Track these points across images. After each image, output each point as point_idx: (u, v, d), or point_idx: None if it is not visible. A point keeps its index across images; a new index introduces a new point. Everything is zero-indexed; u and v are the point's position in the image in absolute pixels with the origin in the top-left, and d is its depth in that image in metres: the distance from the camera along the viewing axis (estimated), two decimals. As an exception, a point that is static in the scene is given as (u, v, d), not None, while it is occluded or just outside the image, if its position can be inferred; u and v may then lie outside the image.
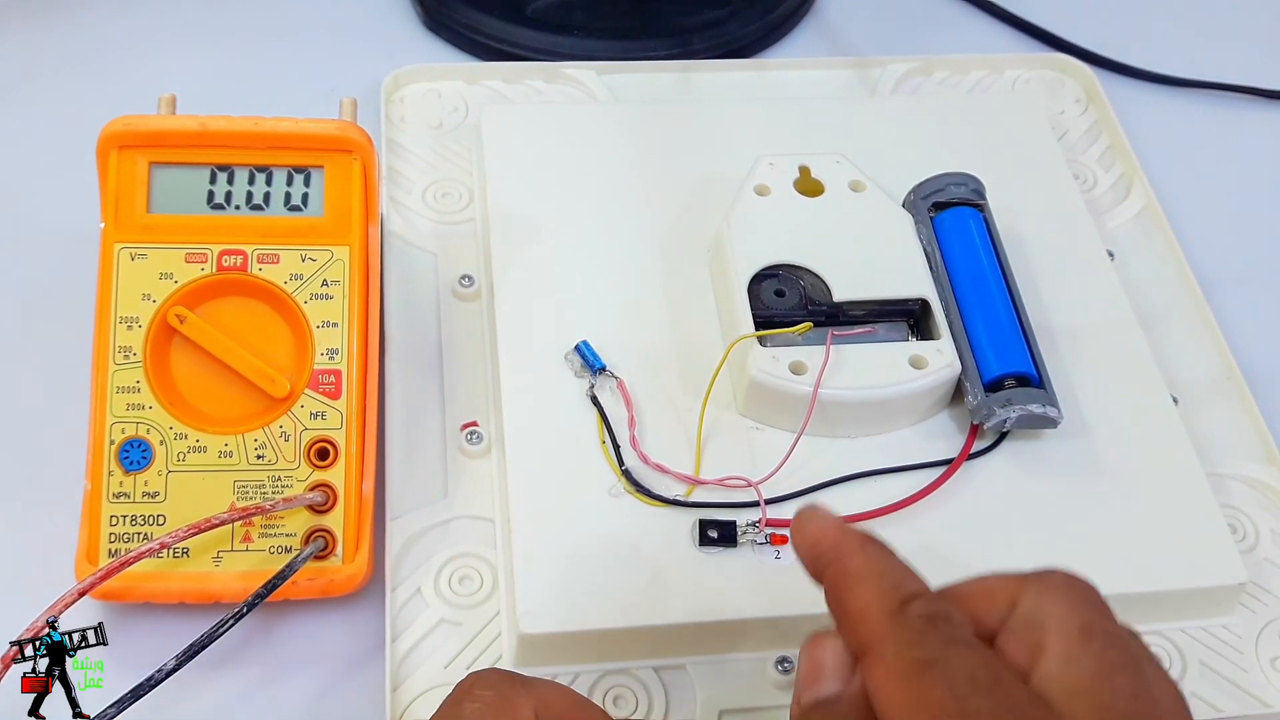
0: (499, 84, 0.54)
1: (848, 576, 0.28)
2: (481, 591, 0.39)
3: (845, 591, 0.27)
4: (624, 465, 0.40)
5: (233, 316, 0.39)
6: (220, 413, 0.39)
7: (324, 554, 0.38)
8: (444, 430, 0.43)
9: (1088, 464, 0.42)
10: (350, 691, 0.38)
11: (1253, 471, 0.44)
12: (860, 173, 0.45)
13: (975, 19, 0.63)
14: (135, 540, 0.37)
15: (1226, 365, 0.47)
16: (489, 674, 0.30)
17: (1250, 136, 0.59)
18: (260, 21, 0.58)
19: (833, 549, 0.28)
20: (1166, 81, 0.60)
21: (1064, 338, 0.45)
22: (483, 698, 0.29)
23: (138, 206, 0.39)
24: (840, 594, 0.28)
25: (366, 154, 0.40)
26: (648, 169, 0.48)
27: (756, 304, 0.42)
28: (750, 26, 0.59)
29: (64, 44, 0.56)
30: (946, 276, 0.44)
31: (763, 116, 0.51)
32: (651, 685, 0.38)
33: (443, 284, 0.46)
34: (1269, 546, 0.43)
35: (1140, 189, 0.53)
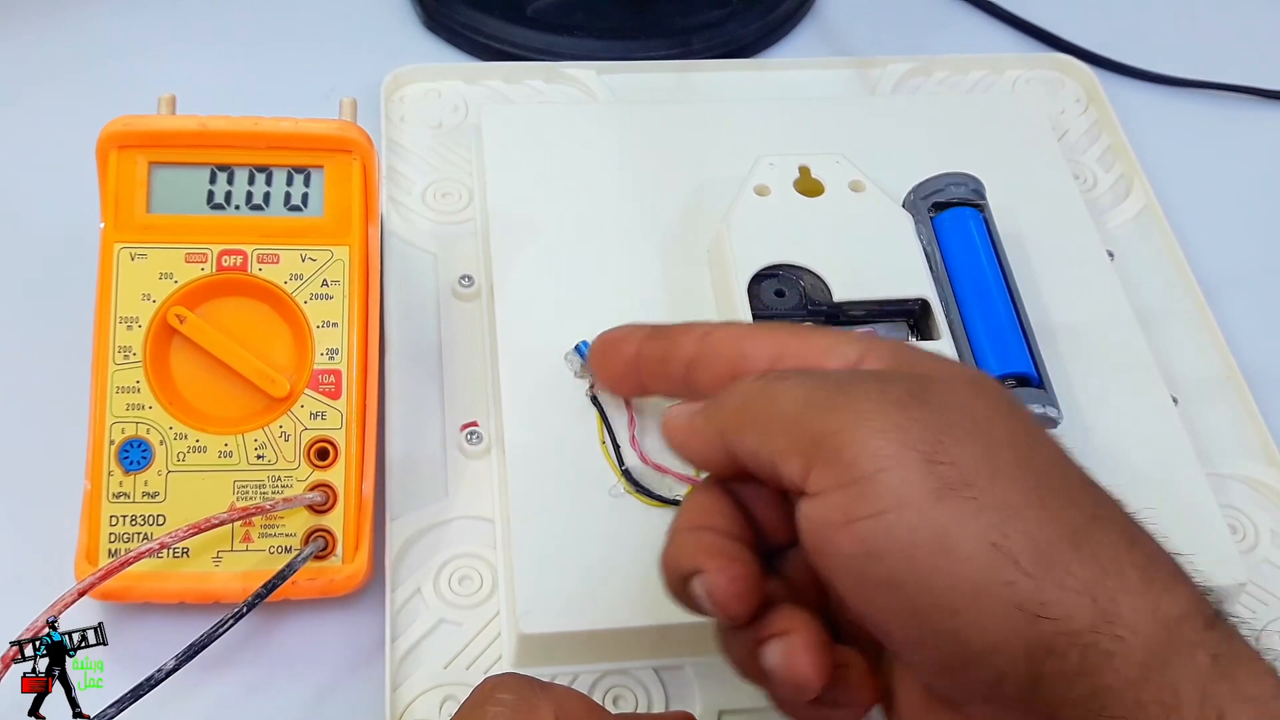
0: (499, 84, 0.54)
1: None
2: (481, 591, 0.39)
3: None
4: (624, 465, 0.40)
5: (233, 316, 0.39)
6: (220, 413, 0.38)
7: (324, 554, 0.38)
8: (444, 430, 0.43)
9: (1087, 464, 0.41)
10: (350, 691, 0.38)
11: (1253, 471, 0.44)
12: (860, 173, 0.45)
13: (975, 19, 0.63)
14: (135, 540, 0.37)
15: (1226, 365, 0.47)
16: (509, 678, 0.30)
17: (1250, 136, 0.59)
18: (260, 21, 0.58)
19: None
20: (1166, 81, 0.60)
21: (1064, 338, 0.45)
22: (505, 702, 0.29)
23: (137, 206, 0.39)
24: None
25: (366, 154, 0.40)
26: (648, 169, 0.48)
27: (756, 304, 0.42)
28: (750, 26, 0.59)
29: (64, 44, 0.56)
30: (946, 277, 0.44)
31: (763, 116, 0.51)
32: (651, 685, 0.38)
33: (443, 284, 0.46)
34: (1269, 546, 0.43)
35: (1140, 189, 0.53)
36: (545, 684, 0.30)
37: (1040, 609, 0.25)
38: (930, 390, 0.28)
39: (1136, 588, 0.25)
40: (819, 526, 0.27)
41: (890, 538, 0.26)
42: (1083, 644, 0.25)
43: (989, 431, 0.27)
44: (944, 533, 0.26)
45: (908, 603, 0.26)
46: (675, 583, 0.30)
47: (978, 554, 0.25)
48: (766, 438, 0.29)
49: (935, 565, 0.26)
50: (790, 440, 0.28)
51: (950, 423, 0.27)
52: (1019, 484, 0.26)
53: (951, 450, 0.26)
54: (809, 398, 0.28)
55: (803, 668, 0.28)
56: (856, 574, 0.27)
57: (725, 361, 0.32)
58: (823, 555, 0.27)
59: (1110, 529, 0.27)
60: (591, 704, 0.30)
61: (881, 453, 0.26)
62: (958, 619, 0.25)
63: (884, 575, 0.26)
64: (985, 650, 0.25)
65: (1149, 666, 0.25)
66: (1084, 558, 0.26)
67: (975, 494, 0.26)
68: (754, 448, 0.29)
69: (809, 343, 0.31)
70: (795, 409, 0.28)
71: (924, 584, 0.26)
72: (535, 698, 0.29)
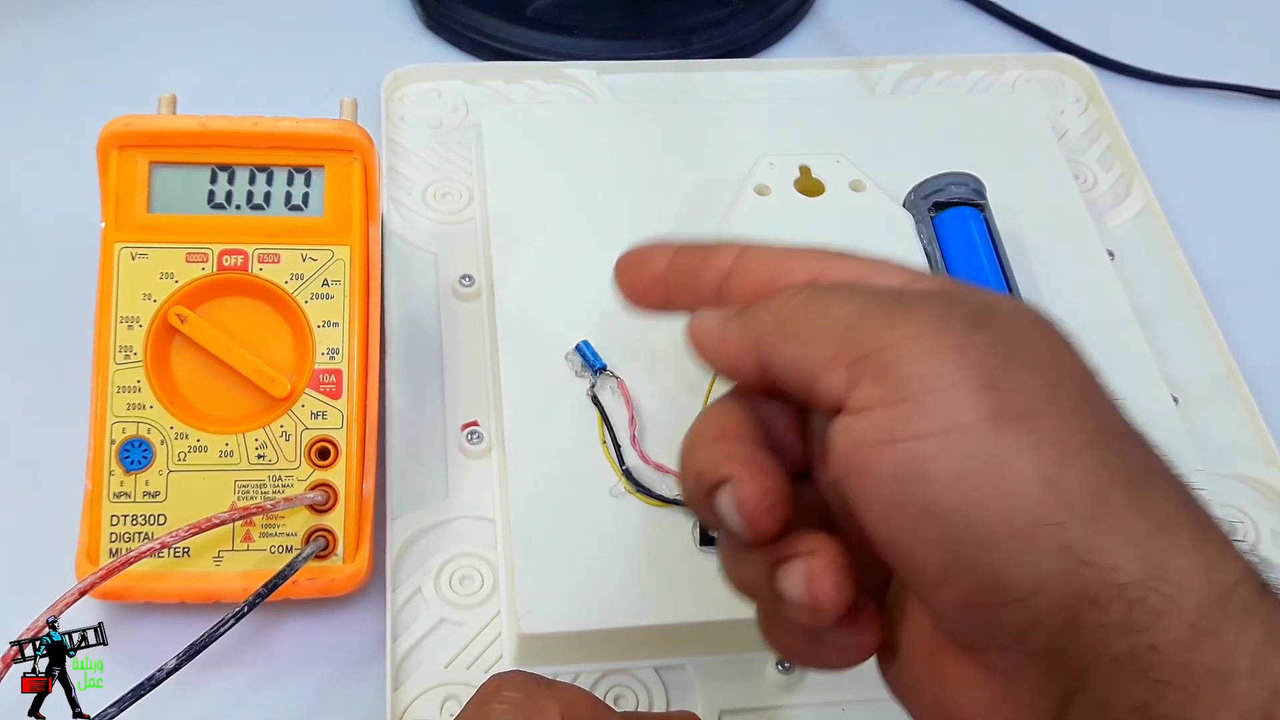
0: (499, 84, 0.54)
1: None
2: (481, 591, 0.39)
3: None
4: (624, 465, 0.40)
5: (233, 316, 0.39)
6: (221, 412, 0.38)
7: (324, 554, 0.38)
8: (444, 430, 0.43)
9: None
10: (350, 691, 0.38)
11: (1253, 471, 0.44)
12: (860, 173, 0.45)
13: (975, 19, 0.63)
14: (136, 540, 0.37)
15: (1226, 365, 0.47)
16: (514, 676, 0.30)
17: (1250, 136, 0.59)
18: (260, 21, 0.58)
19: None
20: (1166, 81, 0.60)
21: (1064, 338, 0.45)
22: (511, 699, 0.29)
23: (138, 206, 0.39)
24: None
25: (367, 154, 0.40)
26: (648, 169, 0.48)
27: (757, 304, 0.42)
28: (750, 26, 0.59)
29: (64, 44, 0.56)
30: (946, 276, 0.44)
31: (763, 116, 0.51)
32: (651, 685, 0.38)
33: (443, 284, 0.46)
34: (1269, 546, 0.43)
35: (1140, 189, 0.53)
36: (551, 681, 0.30)
37: (1088, 554, 0.24)
38: (995, 316, 0.26)
39: (1189, 547, 0.24)
40: (858, 445, 0.26)
41: (939, 461, 0.25)
42: (1129, 598, 0.24)
43: (1054, 365, 0.26)
44: (998, 461, 0.24)
45: (946, 533, 0.25)
46: (698, 493, 0.28)
47: (1031, 489, 0.24)
48: (810, 347, 0.27)
49: (983, 495, 0.24)
50: (838, 351, 0.26)
51: (1014, 350, 0.26)
52: (1081, 423, 0.25)
53: (1015, 377, 0.25)
54: (863, 308, 0.27)
55: (828, 592, 0.27)
56: (893, 498, 0.25)
57: (763, 277, 0.30)
58: (857, 476, 0.26)
59: (1166, 485, 0.25)
60: (597, 701, 0.30)
61: (938, 371, 0.25)
62: (998, 554, 0.24)
63: (925, 501, 0.25)
64: (1022, 591, 0.24)
65: (1200, 630, 0.23)
66: (1139, 509, 0.24)
67: (1036, 425, 0.25)
68: (794, 356, 0.27)
69: (853, 264, 0.30)
70: (846, 319, 0.27)
71: (968, 514, 0.24)
72: (541, 695, 0.29)
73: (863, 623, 0.28)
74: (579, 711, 0.29)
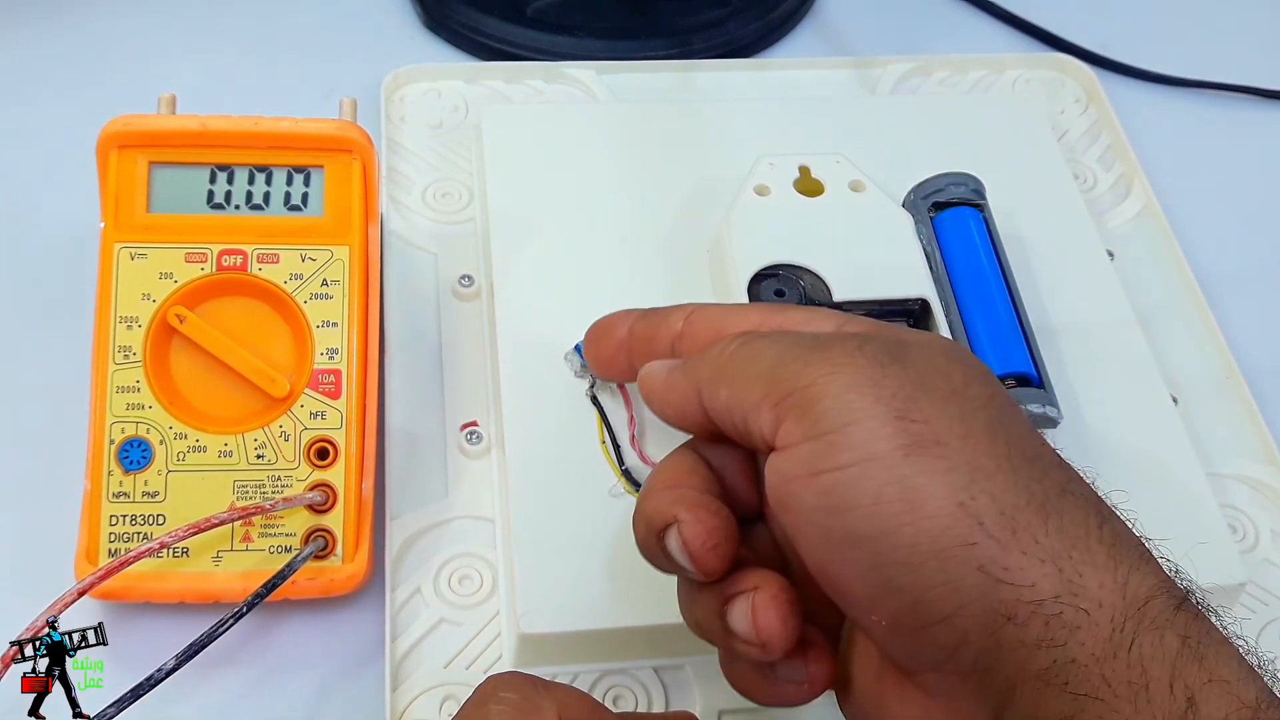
0: (499, 84, 0.54)
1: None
2: (481, 591, 0.39)
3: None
4: (624, 465, 0.40)
5: (233, 316, 0.39)
6: (220, 412, 0.38)
7: (324, 554, 0.38)
8: (444, 430, 0.43)
9: (1087, 464, 0.41)
10: (350, 691, 0.38)
11: (1253, 471, 0.44)
12: (860, 173, 0.45)
13: (975, 19, 0.63)
14: (135, 540, 0.37)
15: (1226, 365, 0.47)
16: (511, 677, 0.30)
17: (1250, 136, 0.59)
18: (260, 21, 0.58)
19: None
20: (1166, 81, 0.60)
21: (1064, 337, 0.45)
22: (508, 700, 0.29)
23: (138, 206, 0.39)
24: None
25: (366, 154, 0.40)
26: (648, 169, 0.48)
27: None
28: (750, 26, 0.59)
29: (64, 44, 0.56)
30: (946, 276, 0.44)
31: (763, 116, 0.51)
32: (651, 685, 0.38)
33: (443, 284, 0.46)
34: (1269, 546, 0.43)
35: (1140, 189, 0.53)
36: (548, 683, 0.30)
37: (1003, 573, 0.25)
38: (907, 352, 0.28)
39: (1104, 563, 0.25)
40: (785, 480, 0.27)
41: (855, 490, 0.26)
42: (1046, 614, 0.25)
43: (964, 395, 0.27)
44: (910, 488, 0.25)
45: (869, 558, 0.26)
46: (649, 537, 0.30)
47: (943, 512, 0.25)
48: (740, 391, 0.29)
49: (899, 520, 0.25)
50: (763, 393, 0.28)
51: (926, 384, 0.27)
52: (991, 448, 0.26)
53: (925, 409, 0.26)
54: (785, 352, 0.28)
55: (771, 625, 0.28)
56: (820, 528, 0.27)
57: (708, 335, 0.33)
58: (787, 510, 0.27)
59: (1080, 505, 0.27)
60: (594, 703, 0.30)
61: (853, 406, 0.26)
62: (918, 576, 0.25)
63: (847, 529, 0.26)
64: (945, 611, 0.25)
65: (1116, 643, 0.24)
66: (1051, 528, 0.25)
67: (945, 453, 0.26)
68: (728, 402, 0.29)
69: (788, 315, 0.32)
70: (770, 362, 0.28)
71: (886, 539, 0.25)
72: (538, 696, 0.29)
73: (812, 656, 0.29)
74: (576, 712, 0.29)
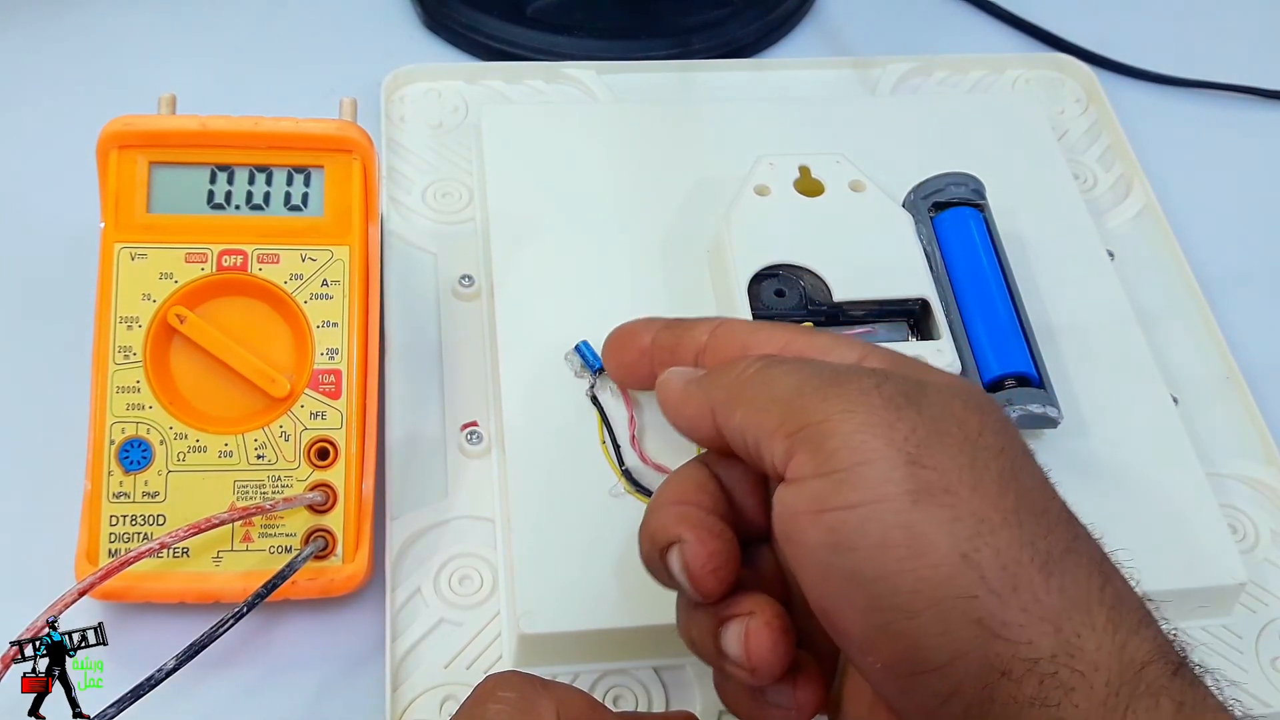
0: (499, 84, 0.54)
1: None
2: (481, 591, 0.39)
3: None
4: (624, 465, 0.40)
5: (233, 316, 0.39)
6: (220, 413, 0.38)
7: (324, 554, 0.38)
8: (444, 430, 0.43)
9: (1088, 464, 0.42)
10: (350, 691, 0.38)
11: (1253, 471, 0.44)
12: (860, 173, 0.45)
13: (975, 19, 0.63)
14: (135, 540, 0.37)
15: (1226, 365, 0.47)
16: (509, 676, 0.30)
17: (1250, 136, 0.59)
18: (260, 21, 0.58)
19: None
20: (1166, 81, 0.60)
21: (1064, 338, 0.45)
22: (506, 699, 0.29)
23: (138, 206, 0.39)
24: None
25: (366, 154, 0.40)
26: (648, 169, 0.48)
27: (756, 304, 0.42)
28: (750, 26, 0.59)
29: (64, 44, 0.56)
30: (946, 276, 0.44)
31: (763, 116, 0.51)
32: (651, 685, 0.38)
33: (443, 284, 0.46)
34: (1269, 546, 0.43)
35: (1140, 189, 0.53)
36: (547, 682, 0.30)
37: (1001, 628, 0.25)
38: (925, 395, 0.28)
39: (1103, 626, 0.25)
40: (792, 513, 0.27)
41: (861, 531, 0.26)
42: (1041, 673, 0.25)
43: (978, 444, 0.27)
44: (916, 535, 0.26)
45: (869, 600, 0.26)
46: (652, 554, 0.31)
47: (946, 561, 0.25)
48: (755, 417, 0.29)
49: (901, 565, 0.25)
50: (778, 422, 0.28)
51: (940, 429, 0.27)
52: (999, 501, 0.26)
53: (937, 455, 0.26)
54: (803, 383, 0.28)
55: (763, 650, 0.28)
56: (822, 565, 0.27)
57: (732, 351, 0.33)
58: (791, 543, 0.27)
59: (1084, 563, 0.26)
60: (593, 702, 0.30)
61: (865, 446, 0.26)
62: (916, 623, 0.25)
63: (849, 569, 0.26)
64: (940, 660, 0.25)
65: (1111, 707, 0.24)
66: (1052, 586, 0.25)
67: (953, 502, 0.26)
68: (742, 425, 0.29)
69: (813, 340, 0.32)
70: (788, 392, 0.28)
71: (888, 583, 0.26)
72: (537, 695, 0.29)
73: (802, 682, 0.29)
74: (575, 712, 0.29)
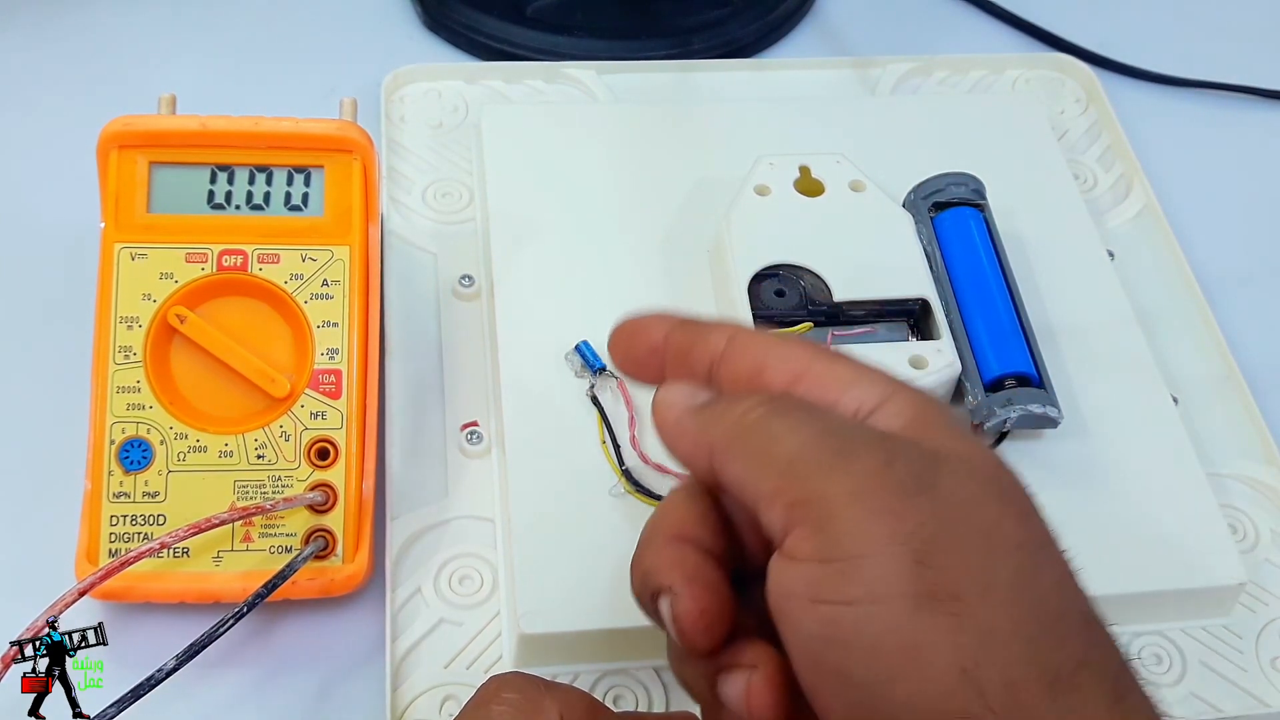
0: (499, 84, 0.54)
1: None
2: (481, 591, 0.39)
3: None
4: (624, 465, 0.40)
5: (233, 316, 0.39)
6: (220, 413, 0.38)
7: (324, 554, 0.38)
8: (444, 430, 0.43)
9: (1088, 464, 0.42)
10: (350, 691, 0.38)
11: (1253, 471, 0.44)
12: (860, 173, 0.45)
13: (975, 19, 0.63)
14: (135, 540, 0.37)
15: (1226, 365, 0.47)
16: (512, 677, 0.30)
17: (1250, 136, 0.59)
18: (260, 21, 0.58)
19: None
20: (1166, 81, 0.60)
21: (1064, 338, 0.45)
22: (510, 700, 0.29)
23: (138, 206, 0.39)
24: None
25: (366, 154, 0.40)
26: (648, 169, 0.48)
27: (756, 304, 0.42)
28: (750, 26, 0.59)
29: (64, 44, 0.56)
30: (946, 276, 0.44)
31: (763, 116, 0.51)
32: (651, 685, 0.38)
33: (443, 284, 0.46)
34: (1269, 546, 0.43)
35: (1140, 189, 0.53)
36: (550, 683, 0.30)
37: None
38: (940, 475, 0.26)
39: None
40: (788, 595, 0.25)
41: (856, 631, 0.24)
42: None
43: (994, 538, 0.25)
44: (914, 644, 0.24)
45: (860, 703, 0.24)
46: (643, 594, 0.29)
47: (945, 676, 0.23)
48: (754, 475, 0.27)
49: (896, 675, 0.24)
50: (776, 488, 0.26)
51: (952, 520, 0.25)
52: (1011, 608, 0.24)
53: (946, 554, 0.24)
54: (807, 448, 0.26)
55: (764, 706, 0.27)
56: (813, 656, 0.25)
57: (748, 366, 0.30)
58: (784, 623, 0.26)
59: (1096, 680, 0.24)
60: (596, 704, 0.30)
61: (869, 536, 0.24)
62: None
63: (841, 667, 0.24)
64: None
65: None
66: (1058, 709, 0.23)
67: (959, 610, 0.24)
68: (740, 480, 0.27)
69: (833, 370, 0.29)
70: (790, 454, 0.26)
71: (879, 690, 0.24)
72: (540, 697, 0.29)
73: None
74: (578, 713, 0.29)
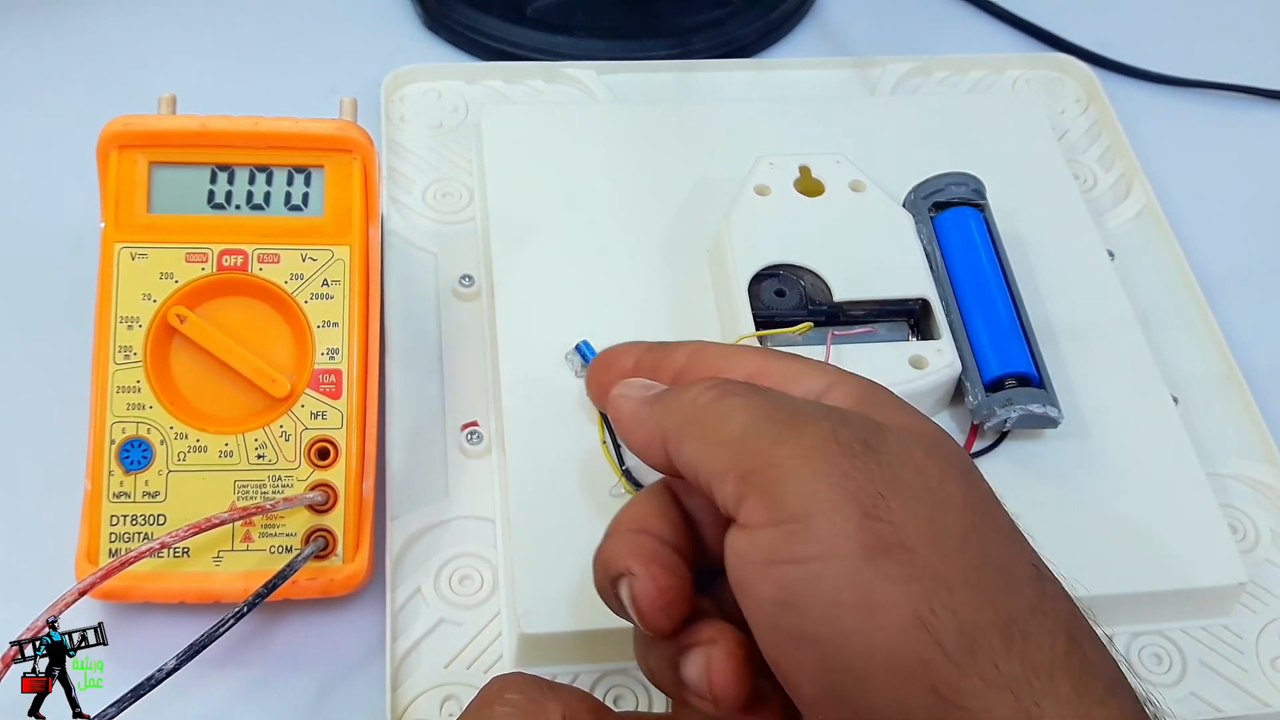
0: (499, 84, 0.54)
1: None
2: (481, 591, 0.39)
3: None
4: (624, 465, 0.40)
5: (233, 316, 0.39)
6: (220, 412, 0.38)
7: (324, 554, 0.38)
8: (444, 430, 0.43)
9: (1088, 464, 0.42)
10: (350, 691, 0.38)
11: (1253, 471, 0.44)
12: (860, 173, 0.45)
13: (975, 19, 0.63)
14: (135, 540, 0.37)
15: (1226, 365, 0.47)
16: (516, 678, 0.30)
17: (1250, 136, 0.59)
18: (260, 21, 0.58)
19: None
20: (1166, 81, 0.60)
21: (1064, 338, 0.45)
22: (513, 702, 0.29)
23: (138, 206, 0.39)
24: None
25: (367, 154, 0.40)
26: (648, 169, 0.48)
27: (756, 304, 0.42)
28: (750, 26, 0.59)
29: (64, 44, 0.56)
30: (946, 276, 0.44)
31: (763, 116, 0.51)
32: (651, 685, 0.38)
33: (443, 284, 0.46)
34: (1269, 546, 0.43)
35: (1140, 189, 0.53)
36: (553, 684, 0.30)
37: (957, 696, 0.23)
38: (884, 441, 0.26)
39: (1066, 695, 0.24)
40: (743, 562, 0.26)
41: (811, 589, 0.24)
42: None
43: (939, 495, 0.26)
44: (868, 594, 0.24)
45: (819, 661, 0.25)
46: (603, 582, 0.30)
47: (900, 624, 0.24)
48: (707, 455, 0.27)
49: (853, 627, 0.24)
50: (728, 463, 0.27)
51: (899, 479, 0.26)
52: (960, 557, 0.25)
53: (894, 508, 0.25)
54: (756, 422, 0.27)
55: (727, 680, 0.27)
56: (772, 621, 0.25)
57: (708, 372, 0.31)
58: (742, 593, 0.26)
59: (1049, 626, 0.25)
60: (599, 705, 0.30)
61: (818, 496, 0.25)
62: (867, 688, 0.24)
63: (799, 628, 0.25)
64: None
65: None
66: (1013, 653, 0.24)
67: (909, 559, 0.24)
68: (693, 461, 0.28)
69: (784, 365, 0.31)
70: (740, 430, 0.27)
71: (838, 645, 0.24)
72: (543, 698, 0.29)
73: (767, 713, 0.28)
74: (580, 714, 0.29)
